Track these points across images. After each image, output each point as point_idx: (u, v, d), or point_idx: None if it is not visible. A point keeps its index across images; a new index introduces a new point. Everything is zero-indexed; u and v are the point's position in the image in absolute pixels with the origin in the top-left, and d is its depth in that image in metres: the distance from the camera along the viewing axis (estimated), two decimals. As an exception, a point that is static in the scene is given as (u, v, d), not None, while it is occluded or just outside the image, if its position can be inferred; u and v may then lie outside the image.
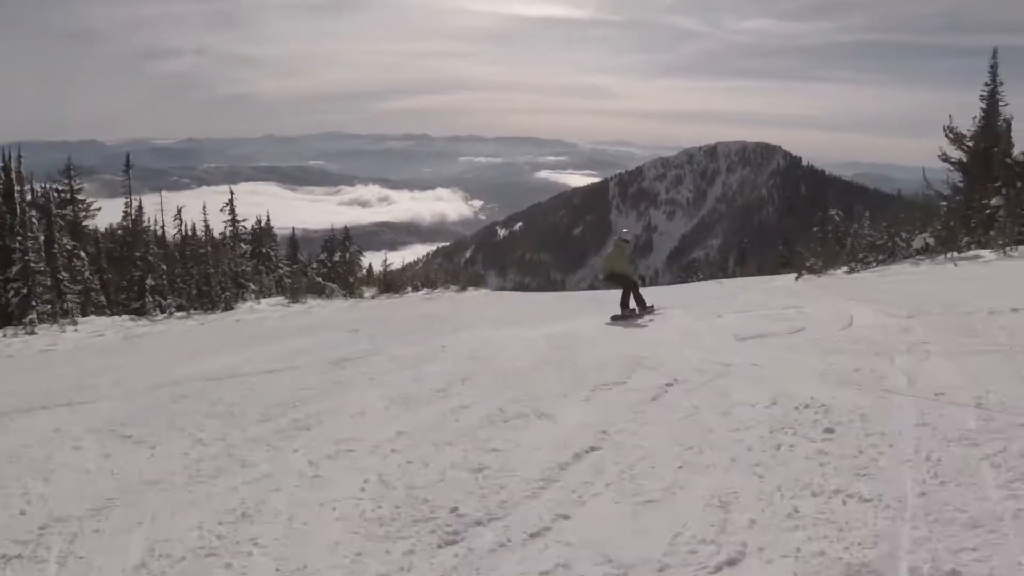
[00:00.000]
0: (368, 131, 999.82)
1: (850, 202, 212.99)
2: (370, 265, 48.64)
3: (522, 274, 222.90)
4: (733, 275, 54.09)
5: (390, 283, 39.95)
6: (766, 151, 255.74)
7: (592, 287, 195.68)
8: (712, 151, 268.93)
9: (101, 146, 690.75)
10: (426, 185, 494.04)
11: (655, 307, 15.40)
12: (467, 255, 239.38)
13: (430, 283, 40.31)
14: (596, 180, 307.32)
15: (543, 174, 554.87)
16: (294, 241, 48.17)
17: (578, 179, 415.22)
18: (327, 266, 41.86)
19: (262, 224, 47.24)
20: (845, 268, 26.35)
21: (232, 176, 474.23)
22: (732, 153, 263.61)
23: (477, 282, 44.64)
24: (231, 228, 45.32)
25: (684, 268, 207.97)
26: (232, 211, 45.32)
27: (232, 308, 32.63)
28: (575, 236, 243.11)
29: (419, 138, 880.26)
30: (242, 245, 44.22)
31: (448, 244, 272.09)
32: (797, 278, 27.34)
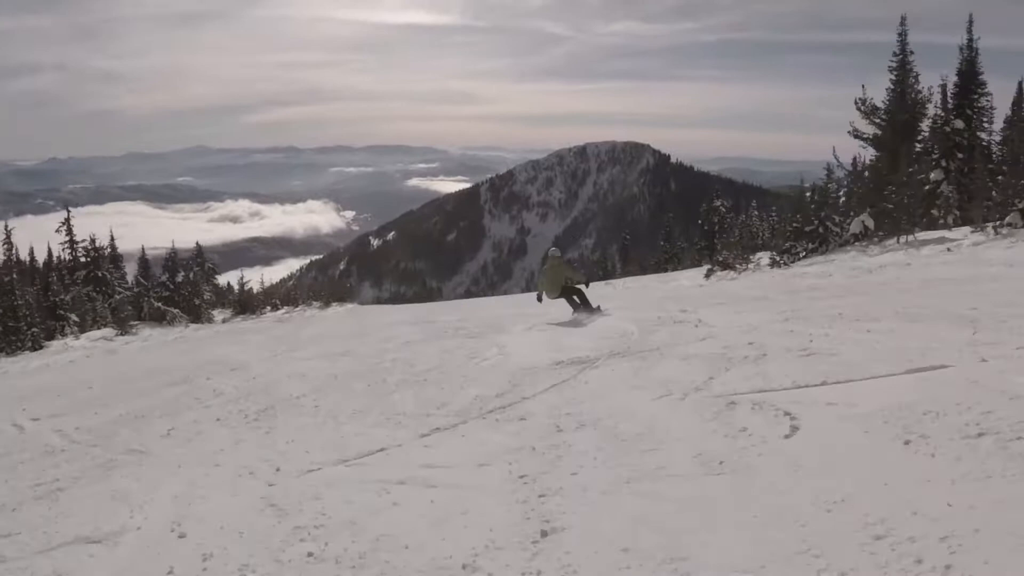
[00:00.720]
0: (235, 145, 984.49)
1: (719, 197, 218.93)
2: (230, 284, 45.52)
3: (398, 283, 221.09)
4: (618, 274, 51.11)
5: (245, 304, 37.73)
6: (635, 150, 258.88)
7: (470, 294, 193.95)
8: (582, 152, 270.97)
9: None
10: (297, 198, 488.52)
11: (600, 308, 15.92)
12: (341, 267, 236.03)
13: (291, 301, 38.77)
14: (468, 185, 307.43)
15: (414, 181, 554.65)
16: (144, 262, 42.08)
17: (450, 185, 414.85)
18: (169, 288, 38.07)
19: (95, 244, 42.35)
20: (766, 260, 24.09)
21: (98, 196, 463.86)
22: (602, 153, 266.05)
23: (343, 297, 43.19)
24: (70, 252, 42.10)
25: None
26: (69, 232, 41.98)
27: (42, 347, 28.83)
28: (449, 242, 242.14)
29: (287, 150, 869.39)
30: (77, 273, 40.77)
31: (322, 257, 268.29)
32: (708, 274, 25.21)
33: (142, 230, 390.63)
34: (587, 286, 16.63)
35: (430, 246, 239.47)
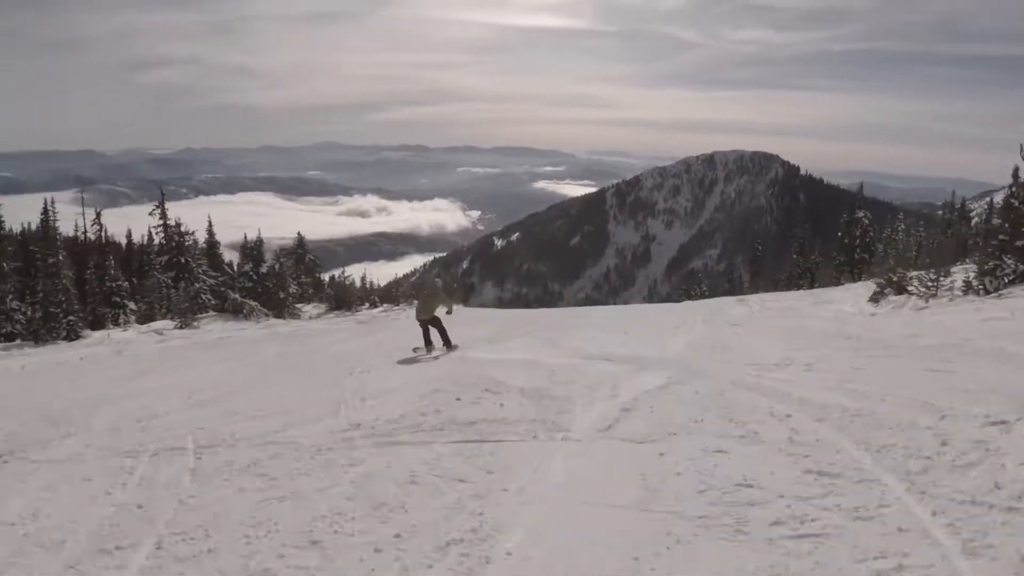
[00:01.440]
0: (365, 142, 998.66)
1: (848, 210, 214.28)
2: (351, 277, 45.43)
3: (520, 285, 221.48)
4: (746, 288, 50.05)
5: (341, 299, 36.50)
6: (764, 160, 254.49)
7: (590, 299, 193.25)
8: (709, 160, 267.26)
9: (100, 156, 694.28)
10: (424, 195, 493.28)
11: (456, 346, 17.25)
12: (464, 265, 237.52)
13: (392, 298, 37.60)
14: (593, 190, 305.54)
15: (540, 184, 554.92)
16: (247, 250, 38.13)
17: (575, 189, 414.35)
18: (252, 279, 35.75)
19: (180, 229, 42.14)
20: (959, 283, 18.73)
21: (229, 186, 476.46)
22: (730, 162, 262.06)
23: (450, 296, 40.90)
24: (163, 236, 42.49)
25: (684, 278, 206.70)
26: (163, 216, 42.57)
27: (78, 337, 27.41)
28: (572, 246, 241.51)
29: (416, 149, 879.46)
30: (159, 258, 41.05)
31: (445, 254, 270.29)
32: (876, 298, 20.47)
33: (271, 220, 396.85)
34: (449, 312, 18.09)
35: (553, 249, 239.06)
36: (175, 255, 40.48)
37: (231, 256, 41.38)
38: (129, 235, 51.11)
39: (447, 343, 17.11)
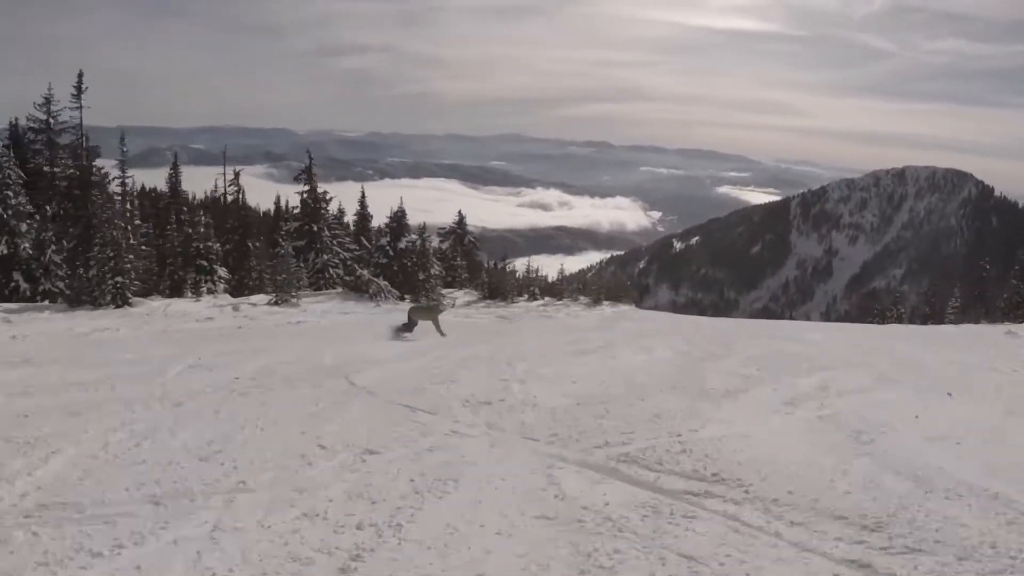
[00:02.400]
0: (549, 135, 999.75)
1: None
2: (512, 264, 44.11)
3: (695, 290, 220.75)
4: (953, 317, 45.81)
5: (495, 288, 33.83)
6: (957, 178, 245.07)
7: (767, 311, 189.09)
8: (900, 175, 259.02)
9: (292, 134, 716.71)
10: (606, 192, 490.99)
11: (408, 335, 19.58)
12: (641, 265, 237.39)
13: (555, 292, 35.11)
14: (777, 198, 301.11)
15: (724, 189, 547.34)
16: (390, 223, 36.17)
17: (759, 196, 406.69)
18: (388, 255, 33.62)
19: (316, 195, 38.87)
20: None
21: (415, 171, 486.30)
22: (921, 178, 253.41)
23: (620, 295, 37.35)
24: (311, 200, 38.94)
25: (865, 297, 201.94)
26: (309, 180, 39.08)
27: (126, 303, 25.81)
28: (752, 254, 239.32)
29: (600, 145, 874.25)
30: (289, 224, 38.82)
31: (623, 253, 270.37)
32: None
33: (454, 206, 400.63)
34: (443, 335, 19.91)
35: (733, 256, 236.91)
36: (306, 222, 37.70)
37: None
38: (277, 201, 52.27)
39: (407, 329, 19.95)
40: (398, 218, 35.58)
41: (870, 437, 8.64)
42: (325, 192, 39.20)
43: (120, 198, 34.88)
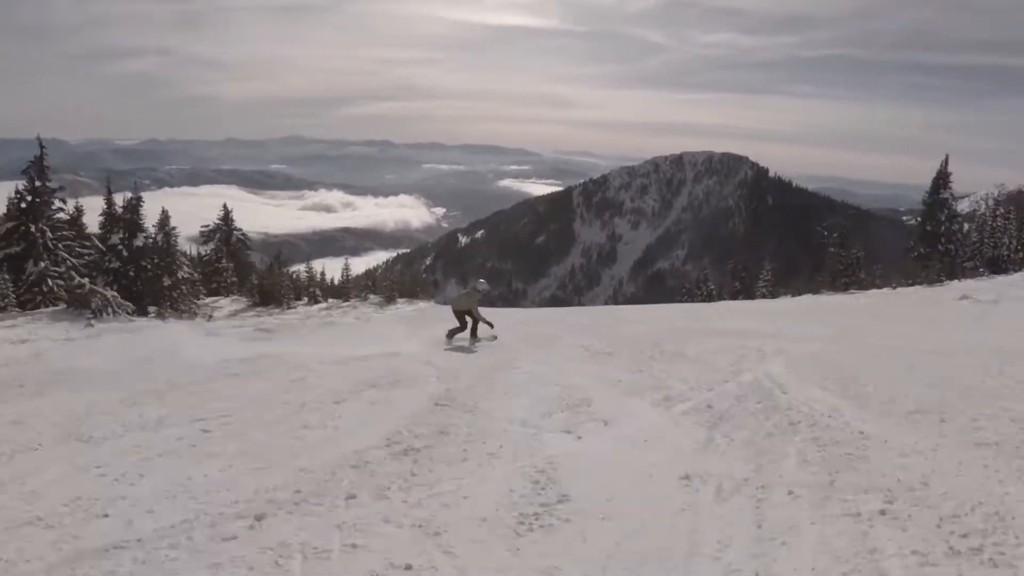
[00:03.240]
0: (330, 136, 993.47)
1: (819, 215, 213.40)
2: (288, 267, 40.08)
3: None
4: (764, 292, 47.22)
5: (268, 293, 30.00)
6: (733, 161, 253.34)
7: (555, 299, 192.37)
8: (678, 161, 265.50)
9: (64, 144, 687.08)
10: (389, 191, 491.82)
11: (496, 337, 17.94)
12: (427, 262, 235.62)
13: (341, 293, 32.26)
14: (559, 189, 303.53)
15: (506, 182, 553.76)
16: (123, 212, 29.20)
17: (541, 188, 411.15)
18: (122, 256, 27.26)
19: (37, 187, 28.51)
20: None
21: (193, 178, 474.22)
22: (698, 163, 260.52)
23: (416, 292, 36.15)
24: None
25: (650, 279, 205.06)
26: (41, 172, 28.51)
27: None
28: (538, 245, 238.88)
29: (381, 144, 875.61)
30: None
31: (409, 251, 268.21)
32: None
33: (236, 214, 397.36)
34: (479, 323, 18.16)
35: (518, 247, 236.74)
36: (22, 223, 28.05)
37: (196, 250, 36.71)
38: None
39: (473, 334, 17.88)
40: (132, 207, 28.40)
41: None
42: (58, 187, 29.93)
43: None
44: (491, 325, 18.21)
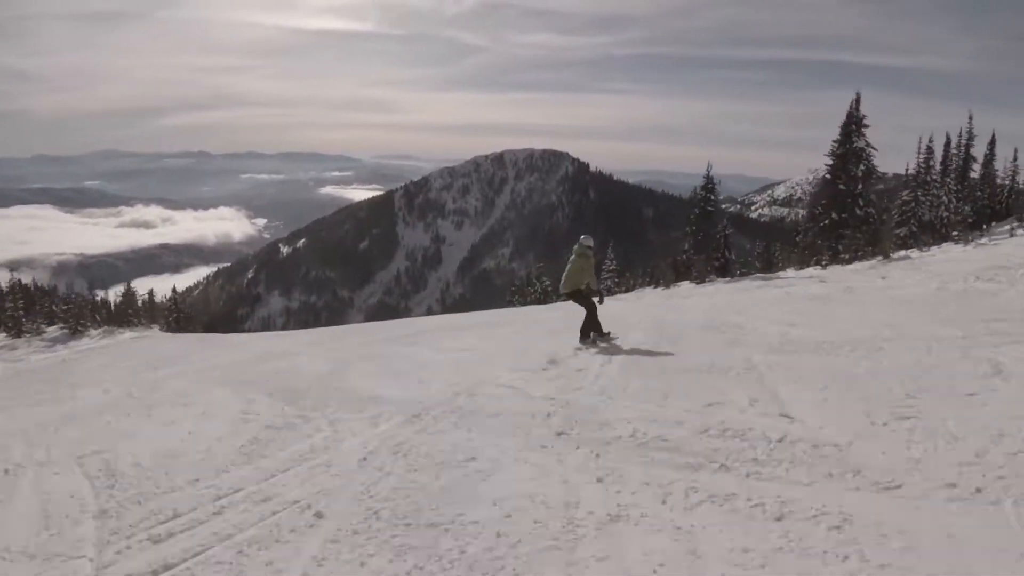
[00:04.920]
0: (147, 149, 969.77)
1: (639, 206, 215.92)
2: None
3: (308, 293, 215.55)
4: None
5: None
6: (554, 158, 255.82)
7: (383, 305, 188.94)
8: (499, 159, 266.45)
9: None
10: (208, 204, 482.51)
11: (611, 334, 13.26)
12: (249, 275, 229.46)
13: (120, 319, 29.33)
14: (381, 193, 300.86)
15: (328, 190, 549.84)
16: None
17: (364, 194, 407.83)
18: None
19: None
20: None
21: (2, 199, 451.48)
22: (519, 160, 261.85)
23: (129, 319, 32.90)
24: None
25: (477, 278, 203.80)
26: None
27: None
28: (361, 251, 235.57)
29: (198, 155, 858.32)
30: None
31: (230, 264, 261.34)
32: None
33: (50, 235, 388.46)
34: (600, 301, 13.59)
35: (341, 254, 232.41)
36: None
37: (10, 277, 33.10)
38: None
39: (596, 330, 13.19)
40: None
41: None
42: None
43: None
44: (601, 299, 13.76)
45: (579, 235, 14.29)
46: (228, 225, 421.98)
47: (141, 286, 34.84)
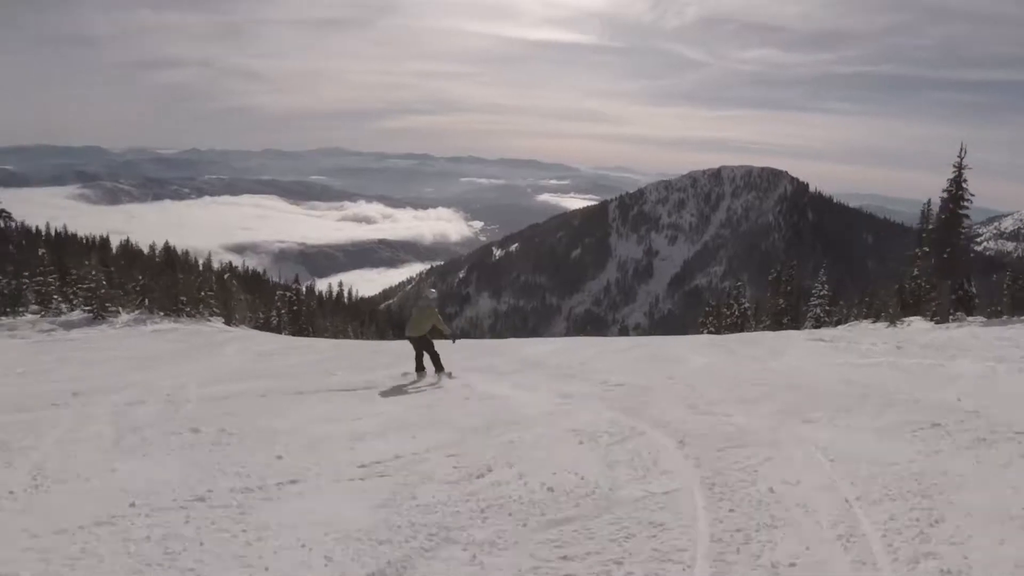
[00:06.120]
0: (370, 149, 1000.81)
1: (859, 231, 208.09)
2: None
3: (517, 296, 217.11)
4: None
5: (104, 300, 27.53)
6: (772, 176, 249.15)
7: (590, 315, 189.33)
8: (716, 175, 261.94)
9: (106, 153, 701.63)
10: (427, 204, 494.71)
11: (451, 374, 14.77)
12: (461, 275, 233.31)
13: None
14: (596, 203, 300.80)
15: (544, 197, 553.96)
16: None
17: (580, 203, 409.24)
18: None
19: None
20: None
21: (233, 188, 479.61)
22: (737, 177, 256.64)
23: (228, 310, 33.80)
24: None
25: (687, 295, 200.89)
26: None
27: None
28: (573, 259, 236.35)
29: (421, 157, 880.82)
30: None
31: (443, 263, 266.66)
32: None
33: (275, 224, 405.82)
34: (453, 341, 16.37)
35: (553, 261, 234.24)
36: None
37: (230, 259, 34.83)
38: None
39: (438, 368, 14.71)
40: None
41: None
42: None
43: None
44: (453, 340, 16.08)
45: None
46: (446, 226, 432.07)
47: (358, 278, 35.23)
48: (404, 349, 16.03)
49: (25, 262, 29.26)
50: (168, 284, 31.50)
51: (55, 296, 28.62)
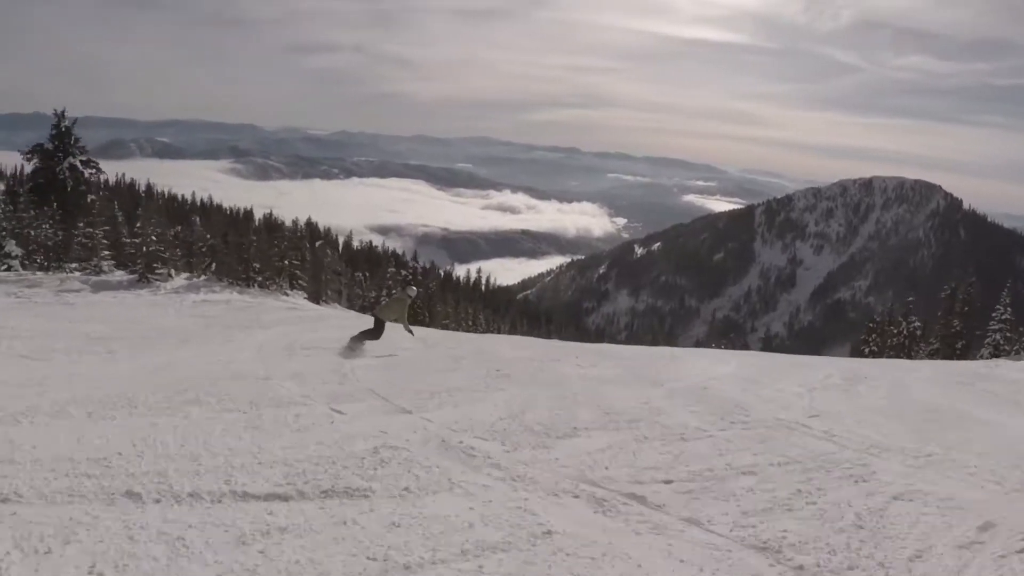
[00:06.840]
0: (517, 139, 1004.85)
1: (1013, 254, 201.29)
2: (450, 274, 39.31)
3: (655, 296, 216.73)
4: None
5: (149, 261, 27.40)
6: (925, 190, 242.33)
7: (728, 320, 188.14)
8: (867, 185, 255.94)
9: (259, 130, 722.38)
10: (572, 197, 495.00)
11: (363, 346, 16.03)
12: (601, 271, 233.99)
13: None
14: (743, 207, 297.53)
15: (690, 198, 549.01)
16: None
17: (726, 206, 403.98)
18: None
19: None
20: None
21: (381, 170, 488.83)
22: (889, 189, 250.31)
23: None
24: None
25: (829, 308, 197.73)
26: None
27: None
28: (715, 262, 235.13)
29: (568, 151, 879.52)
30: None
31: (583, 258, 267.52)
32: None
33: (421, 208, 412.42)
34: (412, 334, 17.49)
35: (695, 263, 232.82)
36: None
37: (371, 238, 36.82)
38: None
39: (361, 338, 16.38)
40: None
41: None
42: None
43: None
44: (412, 333, 17.60)
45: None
46: (589, 220, 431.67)
47: (498, 266, 36.71)
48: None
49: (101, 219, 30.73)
50: (238, 248, 30.98)
51: (103, 252, 28.91)
